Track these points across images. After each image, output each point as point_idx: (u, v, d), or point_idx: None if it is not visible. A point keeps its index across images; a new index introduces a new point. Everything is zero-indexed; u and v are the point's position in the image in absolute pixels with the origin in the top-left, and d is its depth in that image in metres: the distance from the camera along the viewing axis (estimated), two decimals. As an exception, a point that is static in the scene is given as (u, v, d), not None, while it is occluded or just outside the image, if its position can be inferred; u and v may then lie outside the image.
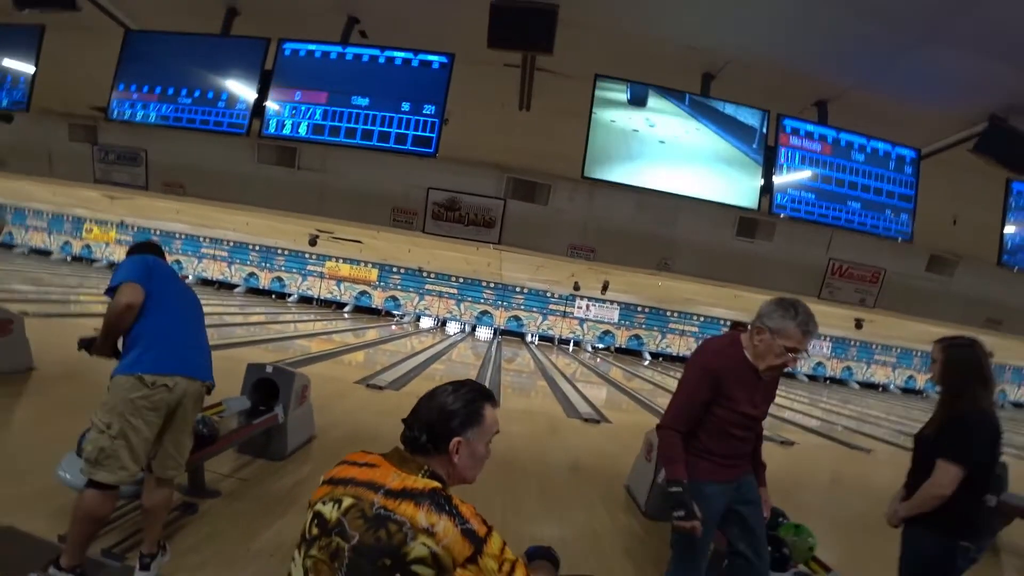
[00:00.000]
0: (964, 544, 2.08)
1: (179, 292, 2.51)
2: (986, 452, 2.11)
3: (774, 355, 2.06)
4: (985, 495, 2.16)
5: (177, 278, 2.57)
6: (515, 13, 2.75)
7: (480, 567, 1.07)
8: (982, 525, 2.20)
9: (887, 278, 6.13)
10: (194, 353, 2.43)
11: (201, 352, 2.49)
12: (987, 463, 2.12)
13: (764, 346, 2.07)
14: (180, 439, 2.42)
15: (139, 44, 3.47)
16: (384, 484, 1.12)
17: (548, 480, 4.69)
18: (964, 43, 2.92)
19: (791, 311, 2.05)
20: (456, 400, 1.27)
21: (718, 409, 2.11)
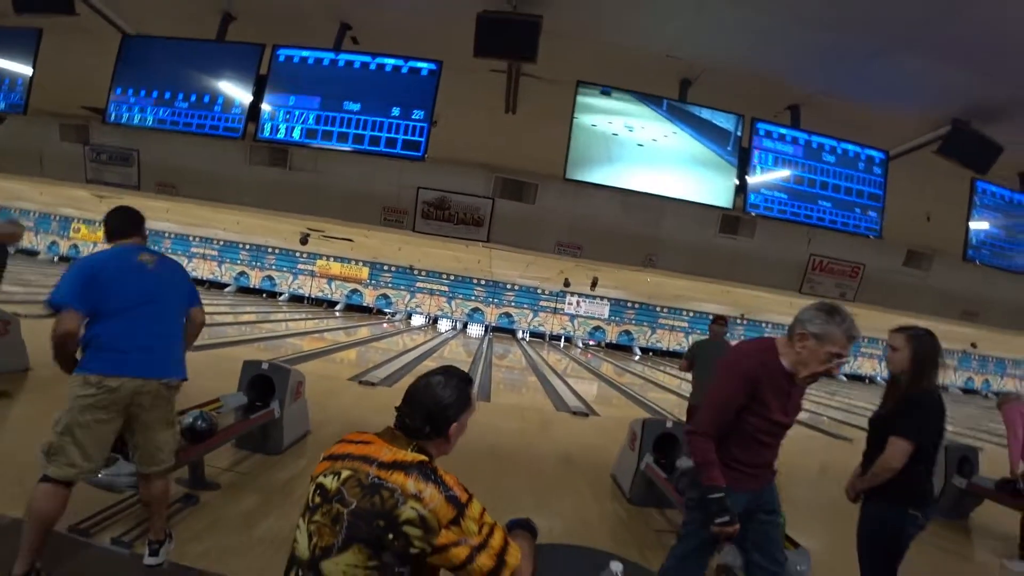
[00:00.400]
0: (913, 512, 2.30)
1: (132, 289, 2.34)
2: (934, 430, 2.35)
3: (818, 362, 2.00)
4: (931, 468, 2.37)
5: (132, 270, 2.38)
6: (500, 24, 2.89)
7: (462, 528, 1.23)
8: (928, 495, 2.37)
9: (866, 273, 6.34)
10: (144, 354, 2.33)
11: (153, 351, 2.37)
12: (934, 440, 2.36)
13: (808, 353, 2.01)
14: (152, 436, 2.39)
15: (137, 49, 3.57)
16: (378, 458, 1.28)
17: (537, 470, 4.86)
18: (926, 53, 3.08)
19: (836, 316, 1.99)
20: (450, 391, 1.42)
21: (751, 416, 2.06)
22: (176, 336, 2.51)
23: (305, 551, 1.23)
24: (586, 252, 6.43)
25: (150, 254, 2.47)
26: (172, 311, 2.51)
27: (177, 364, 2.47)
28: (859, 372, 26.48)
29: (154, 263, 2.44)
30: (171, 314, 2.49)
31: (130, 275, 2.36)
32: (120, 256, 2.40)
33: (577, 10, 3.13)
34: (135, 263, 2.38)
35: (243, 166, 6.02)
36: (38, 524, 2.13)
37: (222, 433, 3.39)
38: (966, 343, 23.22)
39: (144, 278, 2.39)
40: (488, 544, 1.26)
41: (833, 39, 3.11)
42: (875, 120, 3.83)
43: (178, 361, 2.48)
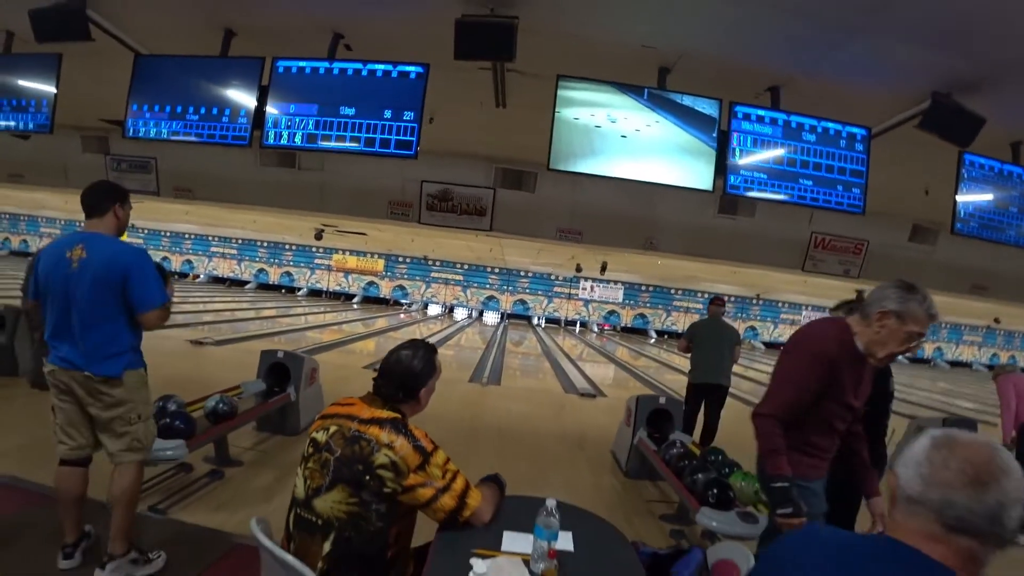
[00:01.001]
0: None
1: (54, 284, 2.28)
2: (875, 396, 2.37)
3: (897, 341, 1.90)
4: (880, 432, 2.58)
5: (56, 265, 2.29)
6: (478, 27, 3.09)
7: (427, 473, 1.51)
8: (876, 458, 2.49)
9: (870, 249, 6.38)
10: (61, 347, 2.30)
11: (69, 345, 2.29)
12: (877, 405, 2.50)
13: (888, 332, 1.90)
14: (102, 427, 2.37)
15: (149, 67, 3.85)
16: (358, 415, 1.57)
17: (540, 449, 5.11)
18: (898, 31, 3.16)
19: (917, 294, 1.88)
20: (418, 361, 1.70)
21: (828, 401, 1.98)
22: (95, 332, 2.29)
23: (302, 492, 1.52)
24: (587, 237, 6.62)
25: (86, 248, 2.28)
26: (90, 309, 2.27)
27: (98, 361, 2.29)
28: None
29: (80, 260, 2.26)
30: (88, 312, 2.27)
31: (54, 270, 2.28)
32: (55, 250, 2.33)
33: (552, 7, 3.31)
34: (63, 258, 2.28)
35: (254, 168, 6.33)
36: (61, 499, 2.38)
37: (243, 415, 3.72)
38: (989, 319, 22.84)
39: (65, 275, 2.26)
40: (451, 487, 1.53)
41: (805, 22, 3.21)
42: (857, 98, 3.90)
43: (101, 358, 2.30)
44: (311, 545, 1.48)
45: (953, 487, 0.84)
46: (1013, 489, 0.82)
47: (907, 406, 11.30)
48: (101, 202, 2.37)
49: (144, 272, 2.35)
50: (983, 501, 0.82)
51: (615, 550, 1.59)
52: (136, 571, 2.39)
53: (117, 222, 2.41)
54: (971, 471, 0.83)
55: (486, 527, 1.59)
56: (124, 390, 2.35)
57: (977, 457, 0.84)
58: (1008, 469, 0.83)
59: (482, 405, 6.93)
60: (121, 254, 2.31)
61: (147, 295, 2.33)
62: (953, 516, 0.83)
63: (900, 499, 0.90)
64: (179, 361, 7.06)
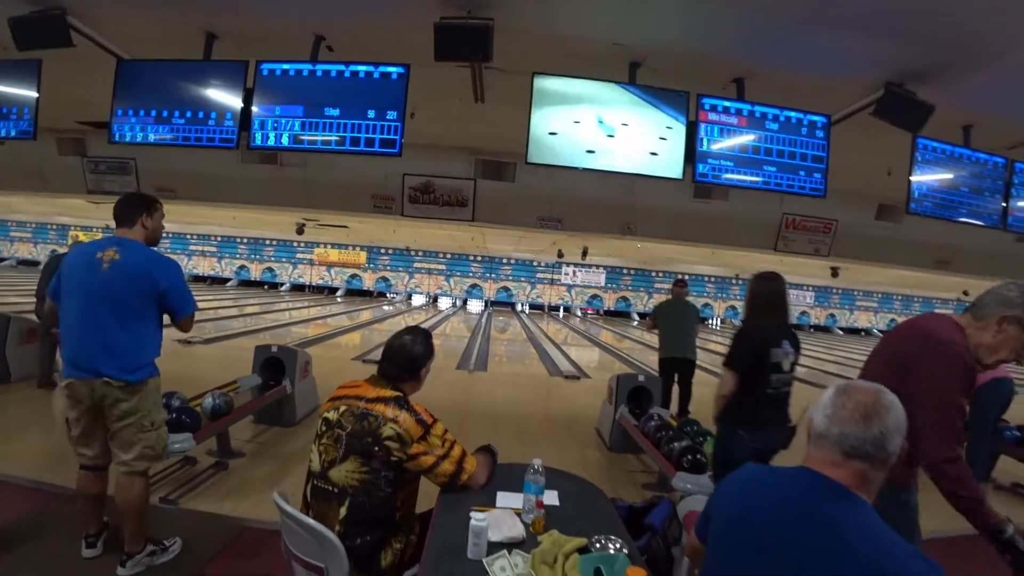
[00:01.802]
0: (739, 432, 2.60)
1: (79, 287, 2.32)
2: (749, 358, 2.64)
3: (1010, 349, 1.75)
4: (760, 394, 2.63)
5: (82, 267, 2.33)
6: (456, 30, 3.24)
7: (428, 442, 1.73)
8: (758, 420, 2.62)
9: (839, 228, 6.65)
10: (83, 357, 2.32)
11: (93, 352, 2.31)
12: (754, 368, 2.62)
13: (1004, 339, 1.74)
14: (119, 436, 2.40)
15: (132, 72, 3.92)
16: (365, 395, 1.78)
17: (526, 428, 5.36)
18: (852, 23, 3.34)
19: None
20: (419, 346, 1.93)
21: None
22: (121, 337, 2.32)
23: (317, 465, 1.72)
24: (567, 224, 6.81)
25: (120, 252, 2.34)
26: (120, 312, 2.31)
27: (121, 367, 2.32)
28: (856, 325, 26.98)
29: (112, 263, 2.30)
30: (117, 315, 2.31)
31: (82, 271, 2.32)
32: (84, 251, 2.37)
33: (526, 9, 3.46)
34: (92, 259, 2.32)
35: (237, 166, 6.34)
36: (81, 499, 2.52)
37: (242, 408, 3.87)
38: (959, 292, 23.61)
39: (94, 276, 2.29)
40: (449, 454, 1.74)
41: (764, 16, 3.38)
42: (818, 87, 4.09)
43: (124, 363, 2.33)
44: (328, 511, 1.68)
45: (848, 422, 1.08)
46: (892, 422, 1.07)
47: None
48: (128, 212, 2.47)
49: (180, 280, 2.47)
50: (870, 431, 1.06)
51: (595, 503, 1.82)
52: (155, 561, 2.52)
53: (145, 232, 2.49)
54: (862, 410, 1.08)
55: (482, 489, 1.81)
56: (140, 398, 2.39)
57: (867, 399, 1.09)
58: (890, 407, 1.08)
59: (470, 391, 7.15)
60: (156, 263, 2.41)
61: (185, 302, 2.48)
62: (848, 444, 1.07)
63: (812, 436, 1.13)
64: (170, 361, 6.98)
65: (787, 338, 2.70)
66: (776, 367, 2.63)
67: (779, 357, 2.64)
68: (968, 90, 4.01)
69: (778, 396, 2.67)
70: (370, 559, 1.68)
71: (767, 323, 2.72)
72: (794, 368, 2.76)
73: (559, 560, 1.37)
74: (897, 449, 1.08)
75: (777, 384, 2.64)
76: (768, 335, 2.67)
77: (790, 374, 2.72)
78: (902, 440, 1.09)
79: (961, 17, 3.15)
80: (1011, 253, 7.04)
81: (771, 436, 2.63)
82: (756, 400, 2.62)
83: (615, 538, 1.49)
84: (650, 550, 1.77)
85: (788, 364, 2.69)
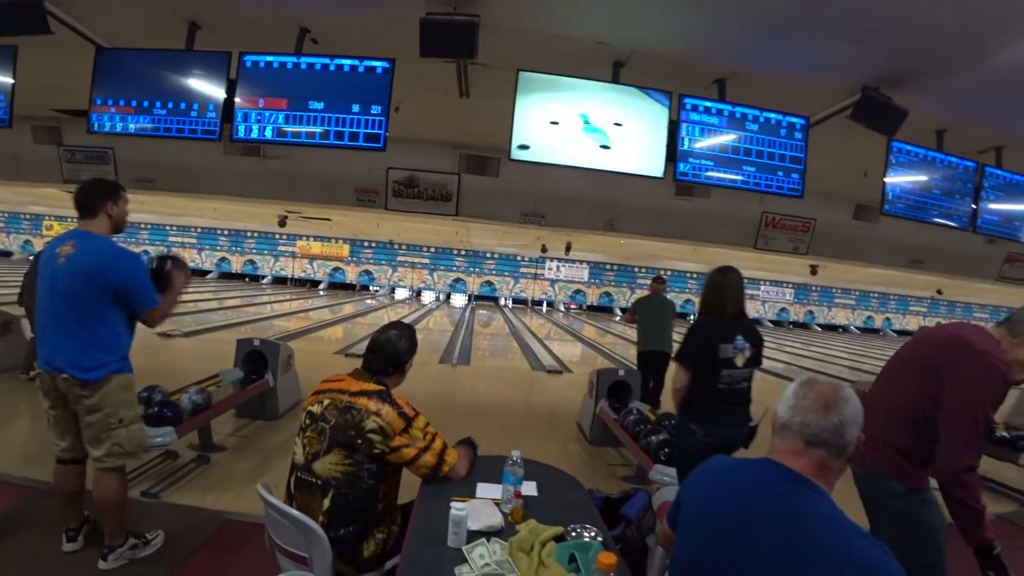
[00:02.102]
0: (692, 426, 2.63)
1: (46, 282, 2.30)
2: (698, 353, 2.62)
3: None
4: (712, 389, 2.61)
5: (46, 262, 2.30)
6: (441, 27, 3.26)
7: (410, 435, 1.77)
8: (711, 416, 2.62)
9: (817, 227, 6.78)
10: (46, 349, 2.30)
11: (51, 346, 2.29)
12: (704, 363, 2.60)
13: None
14: (87, 432, 2.36)
15: (112, 61, 3.86)
16: (349, 389, 1.81)
17: (508, 422, 5.42)
18: (830, 28, 3.44)
19: None
20: (404, 341, 1.97)
21: None
22: (77, 334, 2.26)
23: (301, 457, 1.75)
24: (550, 220, 6.85)
25: (75, 245, 2.28)
26: (75, 308, 2.25)
27: (75, 364, 2.26)
28: (833, 322, 27.50)
29: (67, 257, 2.25)
30: (71, 311, 2.25)
31: (44, 268, 2.30)
32: (49, 248, 2.35)
33: (512, 6, 3.49)
34: (53, 255, 2.28)
35: (219, 157, 6.26)
36: (61, 494, 2.50)
37: (224, 402, 3.87)
38: (932, 290, 24.21)
39: (52, 271, 2.27)
40: (431, 447, 1.79)
41: (746, 19, 3.45)
42: (798, 90, 4.18)
43: (79, 360, 2.26)
44: (311, 503, 1.71)
45: (809, 412, 1.15)
46: (850, 413, 1.14)
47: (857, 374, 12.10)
48: (91, 202, 2.35)
49: (135, 274, 2.33)
50: (829, 420, 1.13)
51: (572, 494, 1.87)
52: (137, 554, 2.51)
53: (110, 221, 2.40)
54: (821, 400, 1.15)
55: (462, 480, 1.86)
56: (104, 395, 2.31)
57: (827, 391, 1.16)
58: (848, 399, 1.15)
59: (453, 385, 7.18)
60: (108, 257, 2.29)
61: (144, 297, 2.34)
62: (809, 433, 1.14)
63: (776, 427, 1.20)
64: (151, 355, 7.02)
65: (742, 332, 2.64)
66: (727, 362, 2.59)
67: (730, 353, 2.59)
68: (942, 95, 4.12)
69: (732, 392, 2.63)
70: (353, 549, 1.72)
71: (719, 318, 2.68)
72: (753, 363, 2.69)
73: (535, 547, 1.42)
74: (853, 439, 1.14)
75: (729, 380, 2.61)
76: (719, 330, 2.64)
77: (745, 369, 2.65)
78: (858, 431, 1.15)
79: (936, 25, 3.24)
80: (982, 254, 7.23)
81: (726, 432, 2.62)
82: (708, 396, 2.61)
83: (591, 527, 1.55)
84: (625, 539, 1.84)
85: (742, 360, 2.62)
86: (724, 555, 1.11)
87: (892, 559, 1.01)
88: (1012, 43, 3.25)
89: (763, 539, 1.07)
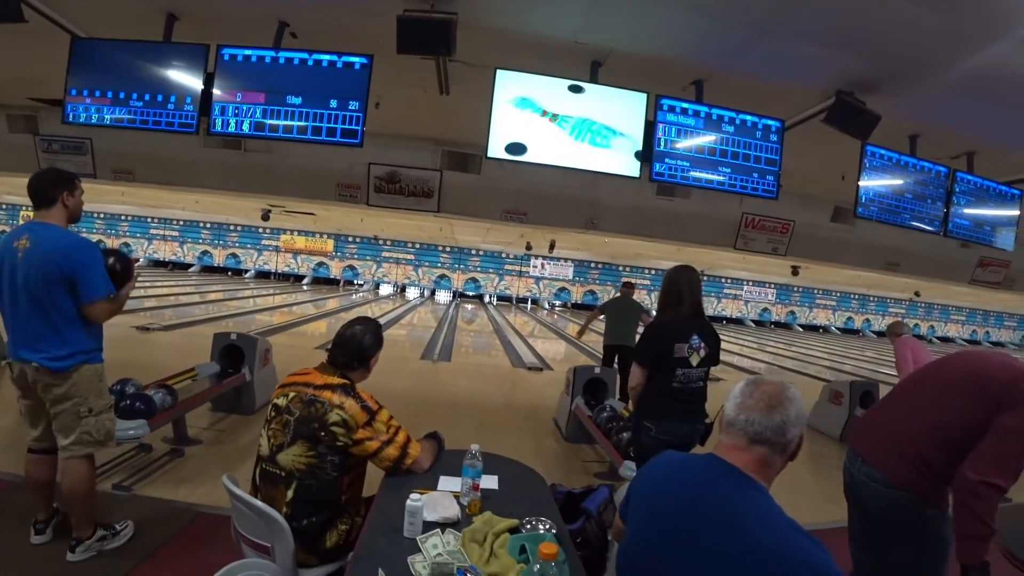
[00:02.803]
0: (647, 424, 2.68)
1: (6, 275, 2.30)
2: (653, 353, 2.67)
3: None
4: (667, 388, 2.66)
5: (6, 254, 2.29)
6: (419, 24, 3.28)
7: (373, 428, 1.80)
8: (665, 413, 2.66)
9: (796, 228, 6.89)
10: (15, 340, 2.32)
11: (15, 335, 2.31)
12: (659, 362, 2.64)
13: None
14: (57, 420, 2.39)
15: (88, 51, 3.83)
16: (313, 383, 1.84)
17: (486, 418, 5.46)
18: (804, 33, 3.49)
19: None
20: (369, 336, 1.99)
21: None
22: (42, 324, 2.29)
23: (266, 449, 1.78)
24: (531, 218, 6.88)
25: (29, 237, 2.29)
26: (35, 300, 2.27)
27: (43, 352, 2.29)
28: (814, 322, 27.90)
29: (24, 250, 2.26)
30: (33, 303, 2.27)
31: (4, 260, 2.30)
32: (6, 240, 2.34)
33: (489, 4, 3.51)
34: (11, 248, 2.29)
35: (198, 149, 6.23)
36: (31, 484, 2.52)
37: (199, 395, 3.87)
38: (911, 292, 24.67)
39: (12, 264, 2.27)
40: (394, 440, 1.82)
41: (724, 22, 3.49)
42: (775, 93, 4.25)
43: (46, 350, 2.29)
44: (276, 494, 1.74)
45: (754, 410, 1.19)
46: (793, 413, 1.19)
47: (836, 374, 12.31)
48: (47, 191, 2.35)
49: (87, 263, 2.31)
50: (772, 419, 1.18)
51: (532, 488, 1.92)
52: (106, 546, 2.52)
53: (67, 211, 2.40)
54: (766, 400, 1.19)
55: (426, 473, 1.90)
56: (72, 384, 2.34)
57: (772, 391, 1.21)
58: (792, 399, 1.20)
59: (433, 381, 7.21)
60: (61, 246, 2.28)
61: (92, 287, 2.30)
62: (752, 431, 1.19)
63: (724, 424, 1.24)
64: (127, 348, 6.99)
65: (697, 332, 2.67)
66: (682, 361, 2.63)
67: (685, 352, 2.63)
68: (914, 101, 4.22)
69: (687, 390, 2.67)
70: (316, 539, 1.75)
71: (675, 317, 2.71)
72: (708, 362, 2.73)
73: (488, 539, 1.46)
74: (795, 438, 1.20)
75: (684, 379, 2.64)
76: (674, 329, 2.67)
77: (700, 369, 2.69)
78: (800, 431, 1.21)
79: (909, 32, 3.31)
80: (955, 258, 7.39)
81: (680, 429, 2.66)
82: (663, 394, 2.64)
83: (546, 520, 1.59)
84: (584, 532, 1.89)
85: (697, 359, 2.66)
86: (668, 547, 1.16)
87: (824, 552, 1.06)
88: (981, 49, 3.32)
89: (706, 532, 1.12)
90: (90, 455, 2.45)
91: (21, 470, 2.52)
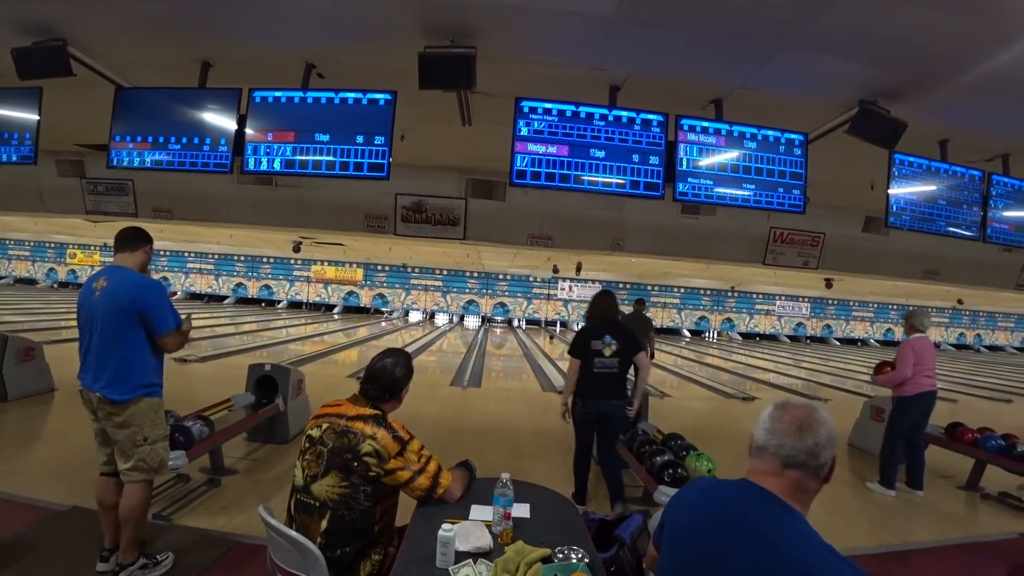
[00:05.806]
0: (577, 400, 3.88)
1: (84, 312, 2.60)
2: (579, 348, 3.86)
3: None
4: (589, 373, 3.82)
5: (86, 294, 2.60)
6: (439, 60, 3.38)
7: (405, 458, 1.82)
8: (590, 392, 3.84)
9: (827, 241, 6.75)
10: (87, 367, 2.58)
11: (90, 369, 2.56)
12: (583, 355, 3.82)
13: None
14: (117, 446, 2.59)
15: (131, 99, 4.06)
16: (346, 414, 1.88)
17: (518, 444, 5.42)
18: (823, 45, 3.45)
19: None
20: (400, 368, 2.04)
21: None
22: (111, 358, 2.54)
23: (300, 479, 1.81)
24: (557, 242, 6.92)
25: (107, 279, 2.59)
26: (107, 334, 2.53)
27: (109, 384, 2.53)
28: (852, 335, 27.06)
29: (101, 290, 2.56)
30: (106, 337, 2.53)
31: (84, 300, 2.61)
32: (88, 282, 2.67)
33: (508, 37, 3.60)
34: (90, 288, 2.60)
35: (232, 186, 6.50)
36: (100, 507, 2.67)
37: (235, 426, 3.96)
38: (953, 300, 23.76)
39: (90, 303, 2.57)
40: (425, 469, 1.84)
41: (735, 42, 3.50)
42: (796, 106, 4.23)
43: (111, 382, 2.53)
44: (311, 524, 1.77)
45: (785, 434, 1.17)
46: (824, 435, 1.17)
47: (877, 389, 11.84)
48: (135, 240, 2.77)
49: (157, 299, 2.64)
50: (804, 442, 1.16)
51: (564, 515, 1.90)
52: (147, 574, 2.62)
53: (146, 258, 2.80)
54: (796, 423, 1.18)
55: (457, 502, 1.90)
56: (131, 415, 2.56)
57: (801, 414, 1.18)
58: (822, 422, 1.18)
59: (463, 407, 7.20)
60: (135, 285, 2.61)
61: (162, 321, 2.63)
62: (785, 455, 1.17)
63: (753, 449, 1.22)
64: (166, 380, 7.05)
65: (610, 332, 3.87)
66: (597, 352, 3.80)
67: (599, 346, 3.82)
68: (941, 106, 4.11)
69: (604, 375, 3.81)
70: (350, 569, 1.77)
71: (593, 324, 3.94)
72: (620, 353, 3.83)
73: (521, 568, 1.45)
74: (827, 461, 1.17)
75: (600, 366, 3.80)
76: (593, 331, 3.89)
77: (612, 358, 3.81)
78: (833, 453, 1.18)
79: (929, 36, 3.23)
80: (996, 263, 7.15)
81: (601, 405, 3.83)
82: (587, 378, 3.82)
83: (578, 549, 1.57)
84: (617, 561, 1.85)
85: (609, 351, 3.81)
86: (703, 574, 1.14)
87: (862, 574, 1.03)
88: (1007, 48, 3.24)
89: (739, 558, 1.09)
90: (147, 481, 2.63)
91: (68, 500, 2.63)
